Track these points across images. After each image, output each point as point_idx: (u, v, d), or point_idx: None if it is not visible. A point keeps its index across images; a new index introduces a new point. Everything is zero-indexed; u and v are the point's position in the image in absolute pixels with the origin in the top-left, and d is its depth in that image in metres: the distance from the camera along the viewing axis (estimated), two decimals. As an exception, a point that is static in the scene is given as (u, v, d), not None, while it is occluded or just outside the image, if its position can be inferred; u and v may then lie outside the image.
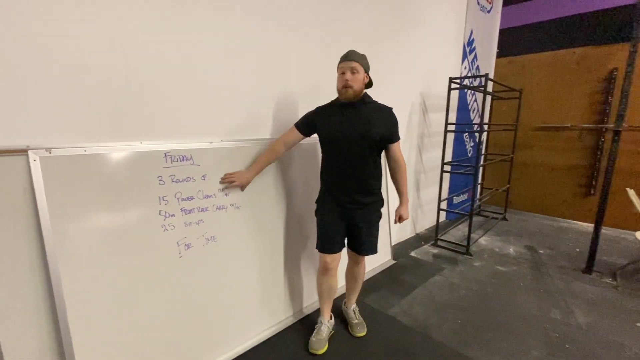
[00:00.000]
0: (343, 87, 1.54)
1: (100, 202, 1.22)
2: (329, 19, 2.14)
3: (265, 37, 1.79)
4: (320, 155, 1.74)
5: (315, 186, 1.78)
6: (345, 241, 1.78)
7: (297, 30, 1.95)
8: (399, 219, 1.75)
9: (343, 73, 1.54)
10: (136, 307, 1.34)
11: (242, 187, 1.67)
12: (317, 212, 1.77)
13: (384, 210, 1.78)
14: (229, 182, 1.59)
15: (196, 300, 1.54)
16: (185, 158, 1.44)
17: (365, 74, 1.59)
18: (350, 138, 1.56)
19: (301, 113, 1.74)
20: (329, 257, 1.71)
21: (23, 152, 1.08)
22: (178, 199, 1.43)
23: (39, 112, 1.14)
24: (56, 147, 1.13)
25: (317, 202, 1.78)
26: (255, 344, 1.77)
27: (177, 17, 1.43)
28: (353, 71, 1.52)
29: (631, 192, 2.53)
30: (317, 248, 1.74)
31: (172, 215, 1.41)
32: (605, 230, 3.65)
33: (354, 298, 1.97)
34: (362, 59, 1.56)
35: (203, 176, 1.51)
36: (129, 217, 1.30)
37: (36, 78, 1.12)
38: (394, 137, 1.65)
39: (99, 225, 1.23)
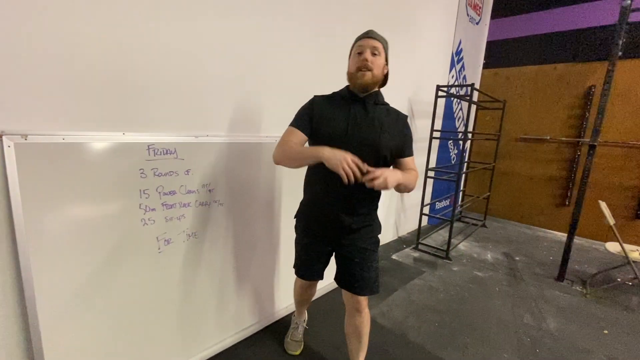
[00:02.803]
0: (359, 68, 1.20)
1: (77, 193, 1.18)
2: (320, 17, 2.14)
3: (256, 32, 1.77)
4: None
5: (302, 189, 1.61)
6: (326, 272, 1.48)
7: (286, 26, 1.94)
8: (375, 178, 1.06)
9: (360, 53, 1.21)
10: (110, 304, 1.30)
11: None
12: (296, 229, 1.49)
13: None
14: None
15: (174, 297, 1.51)
16: (169, 151, 1.41)
17: (385, 64, 1.29)
18: (354, 143, 1.20)
19: (292, 112, 1.40)
20: (307, 283, 1.56)
21: (-4, 137, 1.03)
22: (160, 193, 1.40)
23: (16, 96, 1.09)
24: (32, 134, 1.08)
25: (296, 217, 1.49)
26: (233, 343, 1.75)
27: (168, 6, 1.40)
28: (374, 52, 1.21)
29: (603, 205, 2.64)
30: (294, 268, 1.54)
31: (153, 209, 1.38)
32: (577, 240, 3.81)
33: None
34: (385, 42, 1.26)
35: (187, 171, 1.48)
36: (107, 209, 1.26)
37: (13, 60, 1.07)
38: (407, 151, 1.33)
39: (76, 217, 1.18)
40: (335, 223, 1.31)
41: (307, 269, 1.48)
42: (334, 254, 1.44)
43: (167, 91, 1.45)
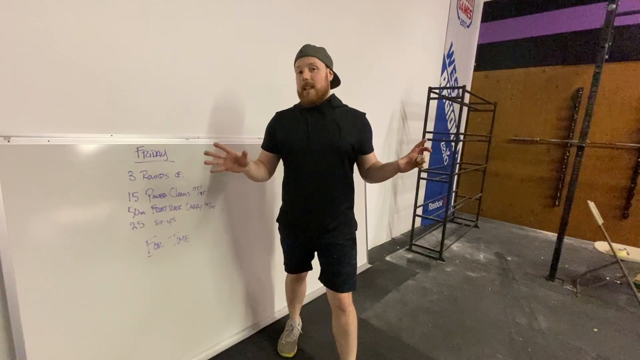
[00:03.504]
0: (303, 88, 1.31)
1: (63, 197, 1.15)
2: (314, 20, 2.14)
3: (247, 34, 1.76)
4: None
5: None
6: (314, 274, 1.55)
7: (279, 29, 1.93)
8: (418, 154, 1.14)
9: (300, 72, 1.31)
10: (98, 309, 1.27)
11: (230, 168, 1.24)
12: (279, 232, 1.57)
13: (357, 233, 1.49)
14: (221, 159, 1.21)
15: (165, 302, 1.48)
16: (159, 153, 1.38)
17: (329, 70, 1.36)
18: (316, 148, 1.31)
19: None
20: (295, 276, 1.66)
21: (-22, 139, 1.00)
22: (149, 195, 1.37)
23: (-1, 98, 1.06)
24: (16, 136, 1.05)
25: (277, 220, 1.54)
26: (226, 348, 1.72)
27: (156, 7, 1.38)
28: (312, 68, 1.30)
29: (592, 205, 2.68)
30: (284, 265, 1.64)
31: (142, 212, 1.36)
32: (567, 240, 3.86)
33: None
34: (319, 53, 1.32)
35: (177, 173, 1.46)
36: (95, 213, 1.23)
37: (-3, 61, 1.04)
38: (367, 147, 1.38)
39: (62, 221, 1.15)
40: (312, 224, 1.38)
41: (293, 264, 1.59)
42: (316, 252, 1.50)
43: (157, 92, 1.43)
